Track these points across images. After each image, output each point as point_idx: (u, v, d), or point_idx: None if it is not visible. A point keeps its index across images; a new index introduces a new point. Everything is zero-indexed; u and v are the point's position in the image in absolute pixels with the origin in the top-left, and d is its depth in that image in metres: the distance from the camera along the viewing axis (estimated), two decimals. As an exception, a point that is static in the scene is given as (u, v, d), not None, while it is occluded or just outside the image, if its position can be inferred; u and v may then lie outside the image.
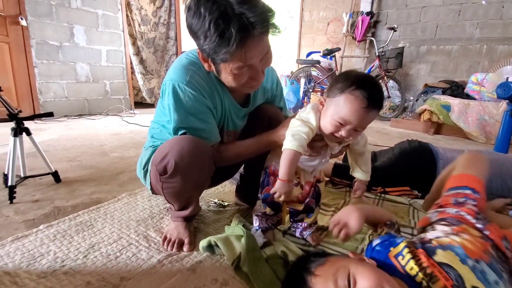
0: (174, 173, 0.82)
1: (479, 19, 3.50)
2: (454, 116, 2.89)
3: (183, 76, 0.83)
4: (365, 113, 0.70)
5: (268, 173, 0.91)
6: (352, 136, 0.75)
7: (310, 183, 0.91)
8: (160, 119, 1.00)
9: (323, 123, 0.77)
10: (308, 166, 0.88)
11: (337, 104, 0.73)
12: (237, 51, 0.71)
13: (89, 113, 3.62)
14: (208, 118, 0.88)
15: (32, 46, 3.08)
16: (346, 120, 0.72)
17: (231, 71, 0.77)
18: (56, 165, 1.60)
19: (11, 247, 0.90)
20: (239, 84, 0.82)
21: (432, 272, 0.54)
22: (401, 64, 3.77)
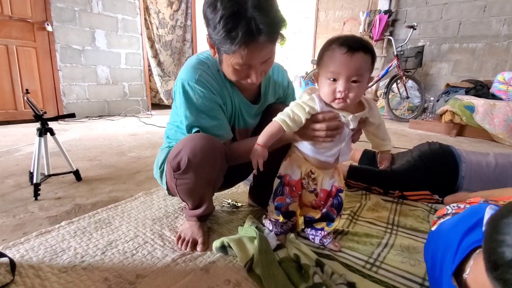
0: (187, 169, 0.83)
1: (506, 15, 3.33)
2: (479, 117, 2.76)
3: (192, 75, 0.86)
4: (348, 57, 0.69)
5: (283, 182, 0.88)
6: (351, 90, 0.71)
7: (326, 192, 0.87)
8: (174, 120, 1.03)
9: (321, 92, 0.76)
10: (329, 157, 0.81)
11: (322, 65, 0.74)
12: (239, 50, 0.74)
13: (109, 114, 3.74)
14: (219, 114, 0.90)
15: (56, 50, 3.22)
16: (335, 72, 0.71)
17: (231, 64, 0.80)
18: (77, 164, 1.67)
19: (35, 242, 0.94)
20: (236, 78, 0.85)
21: None
22: (421, 63, 3.64)
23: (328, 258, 0.86)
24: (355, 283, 0.75)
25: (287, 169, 0.88)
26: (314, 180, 0.86)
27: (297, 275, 0.77)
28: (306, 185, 0.87)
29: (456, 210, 0.77)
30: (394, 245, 0.95)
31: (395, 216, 1.15)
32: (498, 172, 1.23)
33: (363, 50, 0.70)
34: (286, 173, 0.87)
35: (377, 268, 0.84)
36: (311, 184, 0.87)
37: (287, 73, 1.11)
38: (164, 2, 4.24)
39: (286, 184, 0.87)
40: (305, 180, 0.86)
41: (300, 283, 0.74)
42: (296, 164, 0.86)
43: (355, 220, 1.12)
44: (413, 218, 1.14)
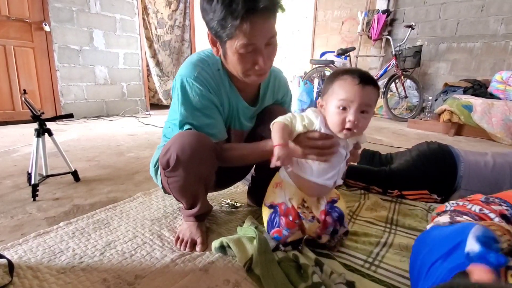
0: (176, 166, 0.83)
1: (504, 15, 3.34)
2: (477, 116, 2.77)
3: (191, 72, 0.87)
4: (360, 88, 0.71)
5: (278, 212, 0.83)
6: (361, 121, 0.72)
7: (324, 212, 0.83)
8: (172, 118, 1.03)
9: (329, 121, 0.76)
10: (328, 180, 0.79)
11: (333, 94, 0.74)
12: (242, 24, 0.73)
13: (107, 114, 3.73)
14: (214, 114, 0.90)
15: (54, 51, 3.21)
16: (346, 100, 0.72)
17: (236, 50, 0.78)
18: (76, 164, 1.66)
19: (34, 243, 0.94)
20: (243, 68, 0.83)
21: None
22: (419, 63, 3.65)
23: (327, 257, 0.87)
24: (354, 283, 0.75)
25: (280, 198, 0.83)
26: (308, 208, 0.82)
27: (296, 275, 0.77)
28: (303, 214, 0.81)
29: (455, 207, 0.77)
30: (393, 244, 0.95)
31: (394, 216, 1.16)
32: (496, 171, 1.23)
33: (373, 83, 0.73)
34: (281, 202, 0.83)
35: (376, 268, 0.84)
36: (307, 213, 0.82)
37: (287, 81, 1.12)
38: (163, 2, 4.24)
39: (282, 214, 0.82)
40: (301, 209, 0.81)
41: (299, 282, 0.74)
42: (288, 191, 0.83)
43: (354, 220, 1.12)
44: (411, 218, 1.14)
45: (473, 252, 0.52)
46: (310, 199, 0.83)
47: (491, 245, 0.53)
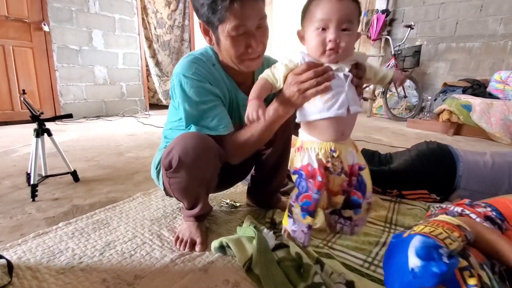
0: (179, 167, 0.83)
1: (503, 14, 3.34)
2: (476, 116, 2.77)
3: (189, 68, 0.87)
4: (336, 3, 0.65)
5: (303, 174, 0.74)
6: (343, 39, 0.66)
7: (350, 167, 0.74)
8: (172, 119, 1.02)
9: (309, 47, 0.70)
10: (339, 109, 0.68)
11: (309, 17, 0.69)
12: (232, 5, 0.75)
13: (106, 114, 3.73)
14: (219, 105, 0.90)
15: (53, 51, 3.21)
16: (323, 19, 0.65)
17: (228, 33, 0.79)
18: (75, 164, 1.66)
19: (33, 243, 0.93)
20: (237, 53, 0.83)
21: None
22: (419, 62, 3.65)
23: (327, 257, 0.86)
24: (354, 282, 0.75)
25: (304, 159, 0.74)
26: (337, 158, 0.73)
27: (296, 274, 0.77)
28: (333, 167, 0.73)
29: (439, 210, 0.77)
30: (392, 244, 0.95)
31: (393, 215, 1.16)
32: (495, 171, 1.24)
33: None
34: (305, 164, 0.74)
35: (375, 267, 0.84)
36: (337, 164, 0.73)
37: None
38: (162, 2, 4.23)
39: (309, 176, 0.73)
40: (330, 161, 0.72)
41: (298, 282, 0.74)
42: (312, 148, 0.73)
43: (354, 220, 1.12)
44: (411, 217, 1.14)
45: (417, 267, 0.51)
46: (339, 146, 0.73)
47: (432, 254, 0.51)
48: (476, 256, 0.55)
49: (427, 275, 0.49)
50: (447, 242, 0.54)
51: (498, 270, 0.56)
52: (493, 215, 0.69)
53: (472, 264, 0.53)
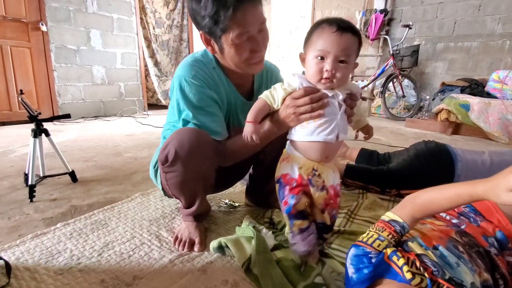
0: (175, 161, 0.83)
1: (501, 14, 3.36)
2: (474, 115, 2.78)
3: (189, 71, 0.88)
4: (338, 36, 0.69)
5: (282, 183, 0.81)
6: (338, 70, 0.71)
7: (333, 188, 0.80)
8: (171, 120, 1.02)
9: (307, 72, 0.75)
10: (328, 135, 0.74)
11: (311, 44, 0.73)
12: (235, 14, 0.76)
13: (105, 114, 3.72)
14: (216, 111, 0.91)
15: (51, 51, 3.19)
16: (323, 50, 0.70)
17: (232, 42, 0.80)
18: (73, 165, 1.65)
19: (31, 244, 0.93)
20: (242, 59, 0.84)
21: (418, 264, 0.56)
22: (417, 62, 3.66)
23: (326, 256, 0.87)
24: (353, 282, 0.75)
25: (285, 169, 0.81)
26: (320, 176, 0.79)
27: (295, 274, 0.77)
28: (315, 183, 0.78)
29: None
30: (391, 243, 0.95)
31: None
32: (493, 170, 1.22)
33: (352, 31, 0.71)
34: (284, 173, 0.81)
35: (374, 267, 0.84)
36: (319, 181, 0.79)
37: (280, 72, 1.12)
38: (161, 2, 4.23)
39: (285, 183, 0.80)
40: (312, 178, 0.78)
41: (298, 281, 0.74)
42: (295, 163, 0.80)
43: (352, 219, 1.12)
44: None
45: (353, 273, 0.60)
46: (322, 168, 0.79)
47: (362, 260, 0.60)
48: (425, 241, 0.60)
49: (362, 278, 0.58)
50: (375, 245, 0.62)
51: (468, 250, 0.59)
52: (467, 210, 0.72)
53: (403, 248, 0.60)
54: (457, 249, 0.58)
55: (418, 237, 0.62)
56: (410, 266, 0.55)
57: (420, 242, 0.61)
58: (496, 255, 0.61)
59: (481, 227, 0.67)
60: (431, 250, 0.58)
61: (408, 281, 0.53)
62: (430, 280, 0.53)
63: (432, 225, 0.67)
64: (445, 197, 0.60)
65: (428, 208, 0.63)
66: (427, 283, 0.53)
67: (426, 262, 0.56)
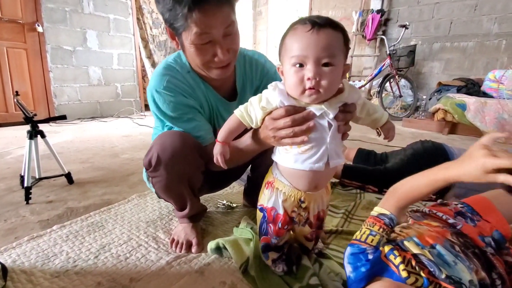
0: (158, 165, 0.83)
1: (497, 14, 3.38)
2: (470, 115, 2.80)
3: (160, 82, 0.84)
4: (314, 35, 0.56)
5: (266, 217, 0.73)
6: (324, 76, 0.57)
7: (316, 217, 0.74)
8: (158, 124, 1.01)
9: (287, 85, 0.62)
10: (316, 163, 0.63)
11: (285, 51, 0.60)
12: (190, 12, 0.70)
13: (101, 115, 3.70)
14: (195, 116, 0.87)
15: (47, 52, 3.18)
16: (300, 55, 0.57)
17: (191, 41, 0.75)
18: (69, 166, 1.64)
19: (27, 247, 0.92)
20: (202, 61, 0.79)
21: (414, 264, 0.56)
22: (413, 62, 3.68)
23: (324, 257, 0.86)
24: (350, 282, 0.75)
25: (270, 201, 0.71)
26: (305, 209, 0.71)
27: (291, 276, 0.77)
28: (298, 217, 0.72)
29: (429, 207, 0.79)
30: (388, 243, 0.95)
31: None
32: (489, 169, 1.24)
33: (331, 26, 0.57)
34: (269, 206, 0.71)
35: (371, 267, 0.84)
36: (303, 215, 0.72)
37: (265, 57, 1.01)
38: (157, 2, 4.21)
39: (270, 221, 0.72)
40: (296, 212, 0.71)
41: (294, 283, 0.74)
42: (281, 193, 0.70)
43: (350, 219, 1.12)
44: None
45: (350, 273, 0.60)
46: (310, 197, 0.70)
47: (359, 258, 0.60)
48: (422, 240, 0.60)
49: (359, 276, 0.58)
50: (368, 240, 0.61)
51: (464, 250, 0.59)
52: (464, 210, 0.71)
53: (400, 247, 0.60)
54: (454, 248, 0.58)
55: (415, 236, 0.62)
56: (406, 265, 0.55)
57: (417, 241, 0.61)
58: (493, 255, 0.61)
59: (478, 226, 0.67)
60: (428, 249, 0.58)
61: (403, 279, 0.53)
62: (427, 279, 0.53)
63: (429, 226, 0.67)
64: (423, 183, 0.63)
65: (409, 196, 0.65)
66: (423, 282, 0.53)
67: (423, 262, 0.56)
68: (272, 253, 0.78)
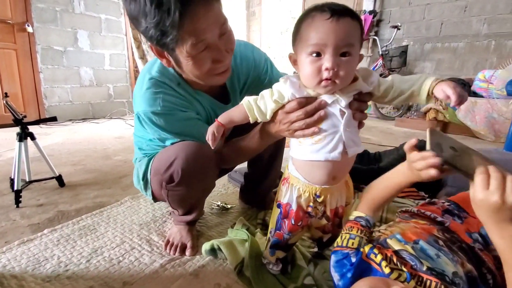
0: (181, 181, 0.79)
1: (486, 15, 3.44)
2: (461, 114, 2.84)
3: (155, 102, 0.76)
4: (333, 24, 0.54)
5: (282, 212, 0.72)
6: (342, 66, 0.55)
7: (333, 211, 0.72)
8: (143, 134, 0.93)
9: (302, 74, 0.60)
10: (331, 153, 0.61)
11: (301, 39, 0.58)
12: (182, 22, 0.61)
13: (93, 116, 3.65)
14: (197, 124, 0.82)
15: (37, 52, 3.12)
16: (318, 44, 0.55)
17: (188, 54, 0.67)
18: (61, 169, 1.61)
19: (18, 251, 0.91)
20: (203, 71, 0.71)
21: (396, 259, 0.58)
22: (405, 62, 3.72)
23: (320, 258, 0.87)
24: (345, 282, 0.76)
25: (285, 197, 0.71)
26: (321, 203, 0.69)
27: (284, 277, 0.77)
28: (314, 211, 0.70)
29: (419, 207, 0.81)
30: (382, 242, 0.96)
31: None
32: (480, 168, 1.26)
33: (350, 15, 0.55)
34: (285, 202, 0.71)
35: (366, 266, 0.84)
36: (319, 209, 0.70)
37: (253, 47, 0.94)
38: (150, 2, 4.18)
39: (285, 216, 0.71)
40: (311, 207, 0.69)
41: (288, 284, 0.74)
42: (296, 188, 0.69)
43: (344, 219, 1.13)
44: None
45: (338, 280, 0.61)
46: (327, 192, 0.67)
47: (344, 265, 0.61)
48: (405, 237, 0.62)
49: (347, 283, 0.59)
50: (350, 244, 0.63)
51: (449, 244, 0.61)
52: (451, 208, 0.73)
53: (383, 245, 0.62)
54: (437, 243, 0.60)
55: (398, 233, 0.64)
56: (389, 262, 0.57)
57: (399, 238, 0.62)
58: (481, 250, 0.62)
59: (465, 223, 0.69)
60: (411, 245, 0.60)
61: (387, 276, 0.55)
62: (409, 274, 0.54)
63: (416, 223, 0.69)
64: (389, 184, 0.67)
65: (380, 197, 0.68)
66: (406, 277, 0.54)
67: (405, 257, 0.57)
68: (279, 251, 0.77)
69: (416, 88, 0.60)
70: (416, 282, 0.54)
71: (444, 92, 0.58)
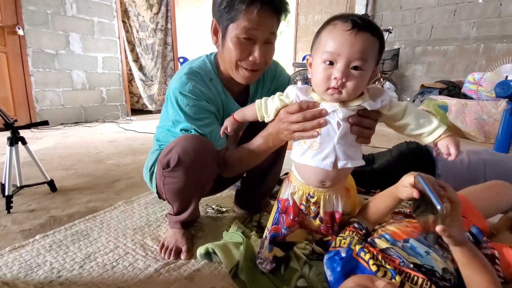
0: (177, 166, 0.81)
1: (475, 18, 3.52)
2: (452, 116, 2.89)
3: (186, 85, 0.86)
4: (351, 36, 0.55)
5: (279, 208, 0.75)
6: (350, 79, 0.57)
7: (328, 214, 0.73)
8: (165, 123, 1.02)
9: (313, 80, 0.62)
10: (322, 161, 0.63)
11: (319, 45, 0.60)
12: (248, 8, 0.76)
13: (86, 120, 3.61)
14: (213, 122, 0.90)
15: (28, 55, 3.08)
16: (333, 53, 0.56)
17: (236, 34, 0.79)
18: (52, 173, 1.59)
19: (9, 257, 0.89)
20: (237, 55, 0.82)
21: (381, 257, 0.61)
22: (397, 65, 3.79)
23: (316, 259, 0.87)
24: (340, 283, 0.76)
25: (285, 193, 0.75)
26: (315, 204, 0.71)
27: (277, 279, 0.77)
28: (307, 210, 0.73)
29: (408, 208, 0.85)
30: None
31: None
32: (471, 169, 1.29)
33: (371, 31, 0.56)
34: (284, 198, 0.75)
35: (360, 267, 0.85)
36: (312, 208, 0.72)
37: (282, 68, 1.06)
38: (144, 5, 4.17)
39: (282, 211, 0.74)
40: (304, 205, 0.72)
41: (281, 286, 0.75)
42: (291, 186, 0.73)
43: (339, 221, 1.13)
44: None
45: (330, 276, 0.65)
46: (320, 194, 0.70)
47: (334, 260, 0.65)
48: (395, 236, 0.67)
49: (337, 277, 0.62)
50: (342, 244, 0.68)
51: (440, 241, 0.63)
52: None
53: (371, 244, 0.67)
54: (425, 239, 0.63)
55: (387, 233, 0.67)
56: (376, 260, 0.60)
57: (388, 238, 0.65)
58: None
59: None
60: (401, 243, 0.63)
61: (374, 273, 0.58)
62: (393, 270, 0.57)
63: (408, 223, 0.71)
64: (382, 201, 0.73)
65: (376, 214, 0.74)
66: (391, 275, 0.57)
67: (392, 255, 0.60)
68: (277, 249, 0.78)
69: (425, 133, 0.62)
70: (404, 278, 0.56)
71: (447, 149, 0.60)
